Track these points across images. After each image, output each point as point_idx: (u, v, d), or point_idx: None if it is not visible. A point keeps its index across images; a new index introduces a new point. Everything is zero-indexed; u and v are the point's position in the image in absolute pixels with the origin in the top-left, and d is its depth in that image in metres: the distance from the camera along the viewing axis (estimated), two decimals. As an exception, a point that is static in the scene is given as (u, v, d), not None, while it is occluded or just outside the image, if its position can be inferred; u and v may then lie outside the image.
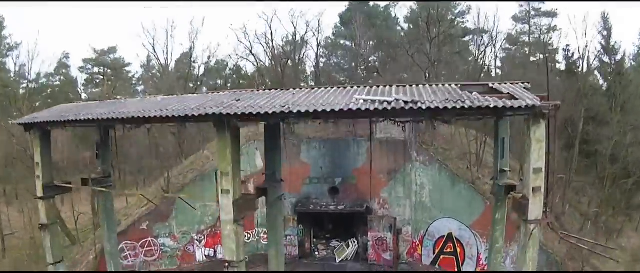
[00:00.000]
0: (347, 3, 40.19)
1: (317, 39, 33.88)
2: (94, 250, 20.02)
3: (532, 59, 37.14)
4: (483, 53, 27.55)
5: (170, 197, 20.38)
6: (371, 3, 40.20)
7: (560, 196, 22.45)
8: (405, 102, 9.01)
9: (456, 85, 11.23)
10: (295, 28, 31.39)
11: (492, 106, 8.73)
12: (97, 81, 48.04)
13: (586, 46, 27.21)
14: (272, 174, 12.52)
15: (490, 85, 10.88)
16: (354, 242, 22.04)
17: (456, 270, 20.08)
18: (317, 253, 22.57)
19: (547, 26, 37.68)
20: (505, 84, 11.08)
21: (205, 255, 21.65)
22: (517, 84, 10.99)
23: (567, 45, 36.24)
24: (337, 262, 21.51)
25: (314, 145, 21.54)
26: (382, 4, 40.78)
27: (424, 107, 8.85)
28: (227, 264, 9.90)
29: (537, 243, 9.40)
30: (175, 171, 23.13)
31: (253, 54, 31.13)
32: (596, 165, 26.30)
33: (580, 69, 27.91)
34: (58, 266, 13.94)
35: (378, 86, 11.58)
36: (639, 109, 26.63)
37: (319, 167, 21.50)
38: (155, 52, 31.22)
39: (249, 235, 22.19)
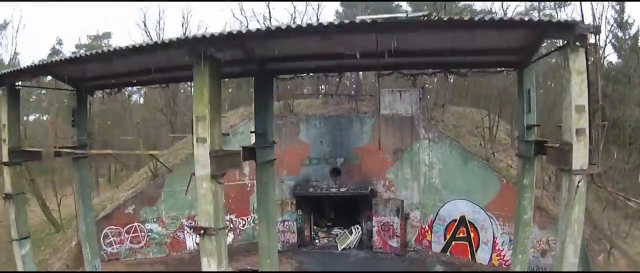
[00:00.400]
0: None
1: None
2: (76, 236, 18.38)
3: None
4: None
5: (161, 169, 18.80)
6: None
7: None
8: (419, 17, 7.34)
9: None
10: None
11: (527, 19, 7.05)
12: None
13: (600, 17, 25.45)
14: (262, 135, 10.83)
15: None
16: (358, 228, 20.31)
17: (469, 257, 18.31)
18: (317, 241, 20.86)
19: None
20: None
21: (197, 243, 19.91)
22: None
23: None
24: (340, 250, 19.78)
25: (313, 123, 19.87)
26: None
27: (444, 19, 7.16)
28: (202, 231, 8.16)
29: (583, 199, 7.66)
30: (165, 152, 21.50)
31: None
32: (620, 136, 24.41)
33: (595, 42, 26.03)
34: (23, 242, 12.28)
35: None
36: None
37: (319, 146, 19.82)
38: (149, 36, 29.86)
39: (243, 222, 20.51)
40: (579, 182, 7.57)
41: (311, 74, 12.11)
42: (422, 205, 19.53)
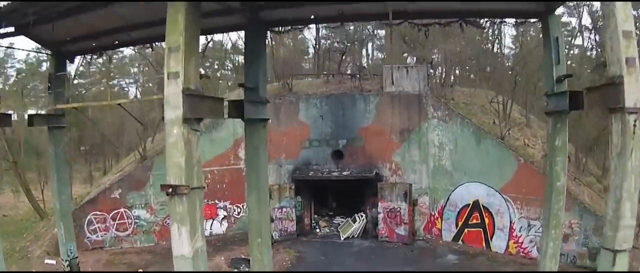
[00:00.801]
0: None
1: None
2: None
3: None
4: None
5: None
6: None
7: None
8: None
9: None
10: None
11: None
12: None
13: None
14: (252, 90, 9.44)
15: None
16: (362, 216, 18.88)
17: (484, 245, 16.83)
18: (318, 230, 19.45)
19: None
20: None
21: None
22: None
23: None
24: (342, 239, 18.35)
25: (313, 102, 18.53)
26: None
27: None
28: (170, 190, 6.70)
29: (640, 144, 6.26)
30: (157, 137, 20.21)
31: None
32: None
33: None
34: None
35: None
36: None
37: (319, 127, 18.45)
38: None
39: (238, 209, 19.15)
40: (635, 123, 6.18)
41: (310, 27, 10.72)
42: (432, 190, 18.09)
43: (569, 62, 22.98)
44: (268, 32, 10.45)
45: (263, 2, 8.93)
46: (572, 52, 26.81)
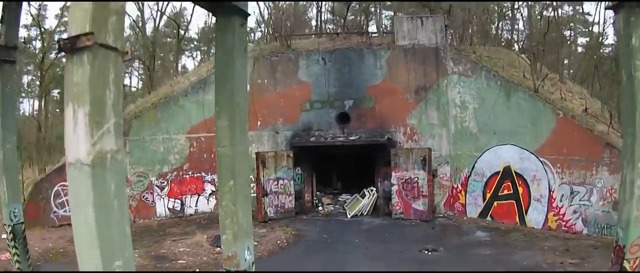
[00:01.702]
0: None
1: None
2: (21, 189, 14.93)
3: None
4: None
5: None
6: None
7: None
8: None
9: None
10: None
11: None
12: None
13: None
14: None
15: None
16: (372, 190, 16.52)
17: (517, 220, 14.39)
18: (320, 207, 17.09)
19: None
20: None
21: (169, 208, 16.33)
22: None
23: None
24: (349, 217, 15.96)
25: (315, 58, 16.39)
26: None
27: None
28: (65, 42, 3.98)
29: None
30: (139, 101, 18.10)
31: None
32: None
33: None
34: None
35: None
36: None
37: (322, 86, 16.27)
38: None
39: (230, 184, 16.83)
40: None
41: None
42: (454, 158, 15.77)
43: None
44: None
45: None
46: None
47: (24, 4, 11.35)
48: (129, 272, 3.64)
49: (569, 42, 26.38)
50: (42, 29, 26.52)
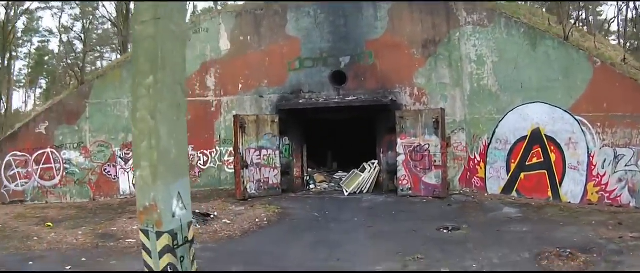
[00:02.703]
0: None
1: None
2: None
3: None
4: None
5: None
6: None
7: None
8: None
9: None
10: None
11: None
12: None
13: None
14: None
15: None
16: (374, 164, 14.38)
17: (549, 194, 12.10)
18: (312, 185, 14.99)
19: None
20: None
21: (135, 185, 14.34)
22: None
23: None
24: (346, 194, 13.82)
25: (306, 10, 14.53)
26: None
27: None
28: None
29: None
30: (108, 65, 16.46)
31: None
32: None
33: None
34: None
35: None
36: None
37: (314, 41, 14.38)
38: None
39: (206, 158, 14.93)
40: None
41: None
42: (470, 123, 13.61)
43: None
44: None
45: None
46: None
47: None
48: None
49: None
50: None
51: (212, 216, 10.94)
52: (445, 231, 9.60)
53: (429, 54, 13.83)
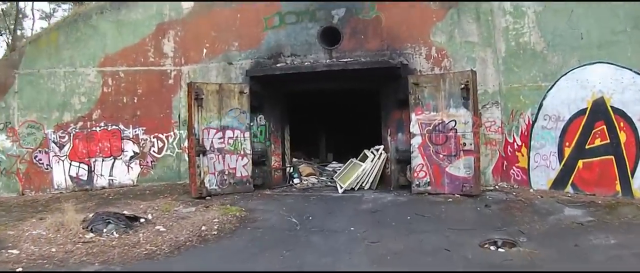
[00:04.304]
0: None
1: None
2: None
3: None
4: None
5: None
6: None
7: None
8: None
9: None
10: None
11: None
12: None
13: None
14: None
15: None
16: (379, 149, 11.49)
17: (618, 188, 9.09)
18: (297, 179, 12.12)
19: None
20: None
21: (71, 176, 11.68)
22: None
23: None
24: (341, 191, 10.92)
25: (288, -47, 11.74)
26: None
27: None
28: None
29: None
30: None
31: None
32: None
33: None
34: None
35: None
36: None
37: (297, -9, 11.61)
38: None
39: (161, 144, 12.20)
40: None
41: None
42: (506, 95, 10.71)
43: None
44: None
45: None
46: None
47: None
48: None
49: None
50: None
51: (142, 220, 8.16)
52: (494, 249, 6.64)
53: (449, 4, 10.93)
